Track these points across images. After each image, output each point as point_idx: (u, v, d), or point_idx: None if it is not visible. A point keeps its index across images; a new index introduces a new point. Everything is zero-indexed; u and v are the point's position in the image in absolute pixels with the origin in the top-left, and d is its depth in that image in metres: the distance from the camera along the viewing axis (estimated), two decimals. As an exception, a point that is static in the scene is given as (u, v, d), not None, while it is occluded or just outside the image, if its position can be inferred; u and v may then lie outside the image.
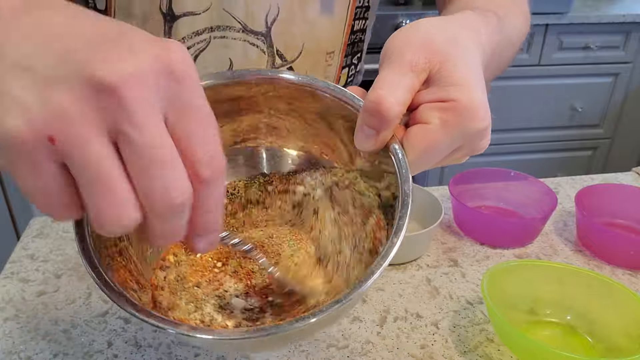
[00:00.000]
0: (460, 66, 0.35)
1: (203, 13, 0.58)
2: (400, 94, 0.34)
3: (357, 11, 0.65)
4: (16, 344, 0.51)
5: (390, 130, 0.35)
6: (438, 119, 0.34)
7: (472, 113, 0.34)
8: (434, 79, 0.35)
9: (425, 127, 0.34)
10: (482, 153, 0.39)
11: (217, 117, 0.28)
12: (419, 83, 0.35)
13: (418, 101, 0.35)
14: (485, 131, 0.35)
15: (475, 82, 0.35)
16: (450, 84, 0.34)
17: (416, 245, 0.62)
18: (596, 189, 0.69)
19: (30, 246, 0.65)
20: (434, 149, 0.35)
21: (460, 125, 0.34)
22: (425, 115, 0.35)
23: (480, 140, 0.36)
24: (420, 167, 0.36)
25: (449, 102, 0.34)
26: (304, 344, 0.51)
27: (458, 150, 0.37)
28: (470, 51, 0.37)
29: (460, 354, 0.50)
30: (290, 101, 0.44)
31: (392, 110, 0.34)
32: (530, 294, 0.54)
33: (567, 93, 2.03)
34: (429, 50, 0.35)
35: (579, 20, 1.88)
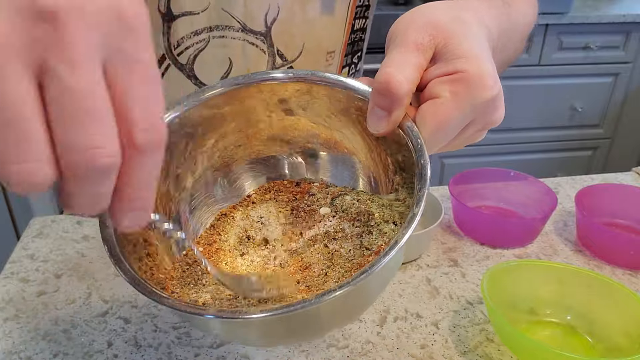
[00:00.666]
0: (464, 41, 0.35)
1: (202, 13, 0.58)
2: (408, 71, 0.34)
3: (358, 10, 0.65)
4: (16, 344, 0.51)
5: (401, 109, 0.35)
6: (448, 92, 0.34)
7: (481, 82, 0.33)
8: (440, 54, 0.35)
9: (436, 102, 0.34)
10: (482, 153, 0.39)
11: None
12: (426, 61, 0.35)
13: (426, 79, 0.35)
14: (495, 100, 0.35)
15: (482, 54, 0.35)
16: (457, 57, 0.34)
17: (416, 245, 0.62)
18: (596, 189, 0.69)
19: (30, 246, 0.65)
20: (447, 123, 0.34)
21: (470, 96, 0.33)
22: (435, 90, 0.34)
23: (492, 111, 0.36)
24: (436, 143, 0.36)
25: (457, 73, 0.34)
26: (304, 343, 0.51)
27: (472, 125, 0.36)
28: (474, 28, 0.37)
29: (460, 354, 0.50)
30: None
31: (402, 87, 0.33)
32: (530, 294, 0.54)
33: (567, 93, 2.03)
34: (433, 28, 0.35)
35: (579, 20, 1.88)
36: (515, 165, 1.88)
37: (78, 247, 0.65)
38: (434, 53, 0.35)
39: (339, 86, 0.40)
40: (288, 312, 0.30)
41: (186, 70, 0.60)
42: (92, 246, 0.65)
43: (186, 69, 0.60)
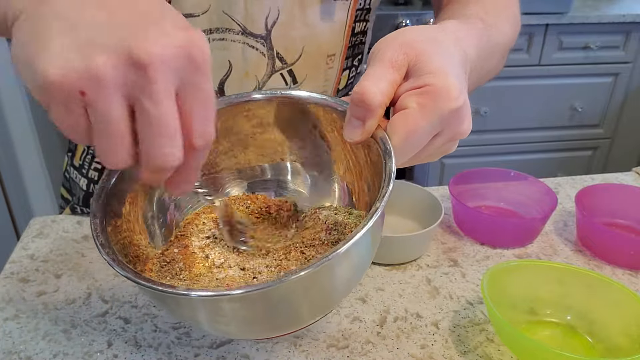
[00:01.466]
0: (434, 57, 0.38)
1: (202, 15, 0.58)
2: (382, 85, 0.38)
3: (358, 13, 0.65)
4: (16, 344, 0.51)
5: (375, 119, 0.38)
6: (415, 103, 0.37)
7: (447, 94, 0.37)
8: (412, 71, 0.39)
9: (405, 112, 0.37)
10: (482, 153, 0.40)
11: None
12: (400, 77, 0.39)
13: (399, 93, 0.39)
14: (461, 111, 0.38)
15: (449, 70, 0.38)
16: (426, 72, 0.38)
17: (416, 245, 0.62)
18: (596, 189, 0.69)
19: (30, 246, 0.65)
20: (415, 132, 0.37)
21: (436, 106, 0.37)
22: (404, 102, 0.38)
23: (459, 122, 0.39)
24: (406, 152, 0.39)
25: (424, 87, 0.37)
26: (304, 343, 0.51)
27: (441, 136, 0.39)
28: (448, 49, 0.41)
29: (460, 354, 0.50)
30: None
31: (375, 98, 0.37)
32: (530, 294, 0.54)
33: (567, 93, 2.03)
34: (407, 47, 0.39)
35: (579, 20, 1.88)
36: (515, 165, 1.89)
37: (78, 247, 0.65)
38: (407, 70, 0.39)
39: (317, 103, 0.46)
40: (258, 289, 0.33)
41: None
42: (92, 246, 0.65)
43: None
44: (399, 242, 0.60)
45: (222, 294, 0.33)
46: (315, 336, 0.52)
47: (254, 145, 0.50)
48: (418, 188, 0.68)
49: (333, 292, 0.38)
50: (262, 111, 0.48)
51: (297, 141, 0.50)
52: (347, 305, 0.56)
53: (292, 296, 0.36)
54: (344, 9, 0.62)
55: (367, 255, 0.39)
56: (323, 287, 0.37)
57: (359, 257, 0.38)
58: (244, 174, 0.52)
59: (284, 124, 0.49)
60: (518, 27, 0.60)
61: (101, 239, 0.38)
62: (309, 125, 0.48)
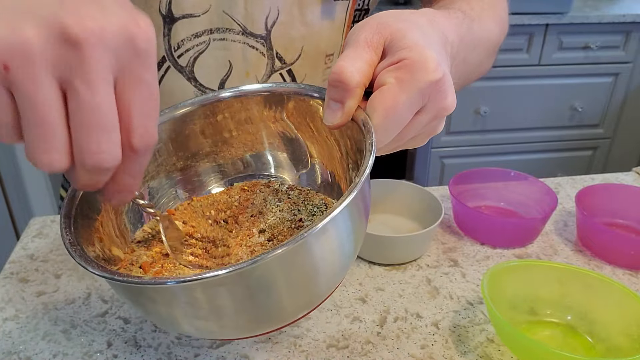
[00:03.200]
0: (409, 34, 0.37)
1: (202, 15, 0.58)
2: (359, 64, 0.37)
3: (356, 14, 0.65)
4: (16, 344, 0.51)
5: (354, 100, 0.37)
6: (393, 78, 0.36)
7: (424, 66, 0.35)
8: (388, 48, 0.38)
9: (383, 89, 0.36)
10: (482, 153, 0.40)
11: None
12: (377, 56, 0.38)
13: (376, 73, 0.38)
14: (441, 84, 0.36)
15: (425, 43, 0.37)
16: (401, 47, 0.37)
17: (416, 245, 0.62)
18: (596, 189, 0.69)
19: (30, 246, 0.65)
20: (395, 108, 0.36)
21: (413, 80, 0.35)
22: (382, 79, 0.37)
23: (442, 97, 0.37)
24: (388, 130, 0.37)
25: (400, 62, 0.36)
26: (304, 344, 0.51)
27: (424, 112, 0.38)
28: (422, 28, 0.39)
29: (460, 354, 0.50)
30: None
31: (353, 78, 0.36)
32: (530, 294, 0.54)
33: (567, 93, 2.03)
34: (381, 27, 0.38)
35: (579, 20, 1.88)
36: (515, 165, 1.89)
37: (78, 247, 0.65)
38: (383, 49, 0.38)
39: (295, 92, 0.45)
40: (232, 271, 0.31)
41: (186, 72, 0.60)
42: (92, 246, 0.65)
43: (186, 71, 0.60)
44: (399, 242, 0.60)
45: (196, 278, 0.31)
46: (315, 336, 0.52)
47: (233, 141, 0.50)
48: (418, 188, 0.68)
49: (314, 278, 0.36)
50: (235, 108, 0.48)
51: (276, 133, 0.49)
52: (347, 305, 0.56)
53: (271, 280, 0.33)
54: (343, 9, 0.62)
55: (347, 238, 0.36)
56: (302, 270, 0.35)
57: (339, 238, 0.36)
58: (225, 171, 0.52)
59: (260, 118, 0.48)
60: (505, 28, 0.60)
61: (69, 237, 0.36)
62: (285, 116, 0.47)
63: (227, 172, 0.52)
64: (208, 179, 0.51)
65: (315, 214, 0.46)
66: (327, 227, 0.32)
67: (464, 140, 2.05)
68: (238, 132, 0.50)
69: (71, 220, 0.38)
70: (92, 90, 0.26)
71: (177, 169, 0.50)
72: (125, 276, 0.33)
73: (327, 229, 0.33)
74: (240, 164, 0.52)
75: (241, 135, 0.50)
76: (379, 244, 0.61)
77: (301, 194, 0.49)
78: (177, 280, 0.31)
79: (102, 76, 0.26)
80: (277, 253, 0.31)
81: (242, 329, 0.38)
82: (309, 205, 0.47)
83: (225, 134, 0.50)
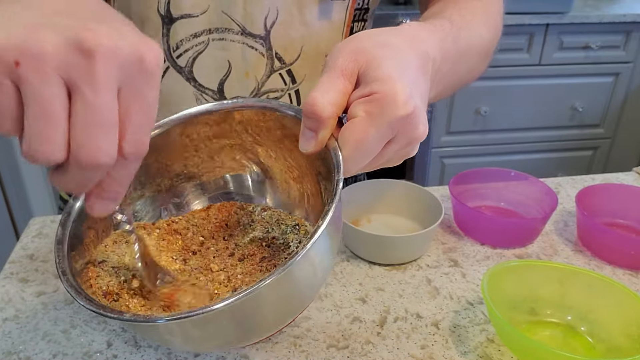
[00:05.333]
0: (383, 63, 0.38)
1: (201, 15, 0.58)
2: (331, 95, 0.38)
3: (356, 13, 0.64)
4: (15, 344, 0.51)
5: (327, 129, 0.38)
6: (363, 112, 0.37)
7: (394, 100, 0.36)
8: (362, 77, 0.39)
9: (354, 121, 0.37)
10: (482, 153, 0.40)
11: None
12: (351, 85, 0.39)
13: (350, 101, 0.39)
14: (411, 117, 0.37)
15: (398, 75, 0.37)
16: (374, 79, 0.37)
17: (416, 245, 0.62)
18: (597, 189, 0.69)
19: (30, 246, 0.65)
20: (364, 141, 0.37)
21: (382, 114, 0.36)
22: (353, 111, 0.37)
23: (412, 128, 0.38)
24: (356, 160, 0.38)
25: (371, 95, 0.37)
26: (304, 344, 0.51)
27: (394, 142, 0.39)
28: (400, 52, 0.40)
29: (460, 354, 0.50)
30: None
31: (326, 110, 0.37)
32: (530, 294, 0.53)
33: (568, 93, 2.03)
34: (357, 53, 0.39)
35: (580, 20, 1.88)
36: (515, 165, 1.88)
37: (78, 247, 0.65)
38: (358, 76, 0.39)
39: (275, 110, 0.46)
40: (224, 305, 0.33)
41: (185, 72, 0.60)
42: (92, 246, 0.65)
43: (185, 71, 0.60)
44: (399, 242, 0.60)
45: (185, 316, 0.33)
46: (315, 336, 0.52)
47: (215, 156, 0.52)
48: (418, 188, 0.68)
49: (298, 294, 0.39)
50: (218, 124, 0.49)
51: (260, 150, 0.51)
52: (347, 305, 0.56)
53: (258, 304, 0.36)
54: (342, 8, 0.62)
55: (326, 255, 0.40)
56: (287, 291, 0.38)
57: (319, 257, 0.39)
58: (206, 188, 0.54)
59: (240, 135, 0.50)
60: (499, 32, 0.61)
61: (63, 265, 0.38)
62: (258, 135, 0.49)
63: (208, 189, 0.54)
64: (188, 196, 0.53)
65: (287, 232, 0.49)
66: (308, 253, 0.34)
67: (464, 140, 2.05)
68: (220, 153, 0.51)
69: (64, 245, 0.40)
70: (96, 93, 0.28)
71: (159, 185, 0.51)
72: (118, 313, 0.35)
73: (308, 254, 0.35)
74: (221, 182, 0.54)
75: (222, 155, 0.52)
76: (379, 244, 0.60)
77: (274, 214, 0.51)
78: (167, 318, 0.33)
79: (107, 83, 0.28)
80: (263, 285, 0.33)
81: (230, 344, 0.42)
82: (282, 225, 0.50)
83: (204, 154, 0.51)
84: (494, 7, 0.60)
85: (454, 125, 2.01)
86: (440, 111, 1.97)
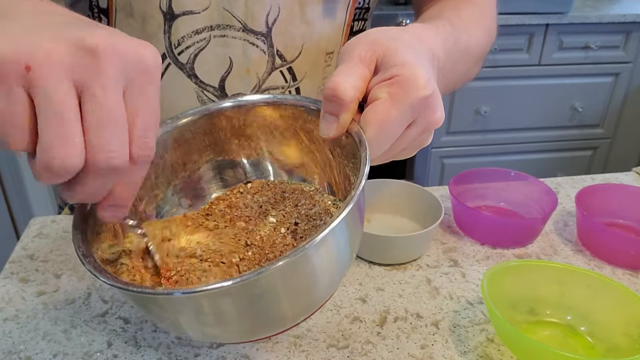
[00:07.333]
0: (399, 51, 0.39)
1: (203, 12, 0.58)
2: (352, 79, 0.39)
3: (357, 12, 0.65)
4: (16, 344, 0.51)
5: (348, 113, 0.39)
6: (386, 93, 0.38)
7: (415, 82, 0.37)
8: (380, 64, 0.40)
9: (376, 103, 0.38)
10: (482, 153, 0.41)
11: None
12: (370, 72, 0.40)
13: (370, 88, 0.40)
14: (431, 99, 0.38)
15: (416, 61, 0.39)
16: (393, 64, 0.39)
17: (416, 245, 0.62)
18: (596, 189, 0.69)
19: (30, 246, 0.65)
20: (388, 122, 0.38)
21: (405, 95, 0.37)
22: (375, 94, 0.38)
23: (431, 111, 0.39)
24: (381, 143, 0.39)
25: (393, 78, 0.38)
26: (304, 344, 0.51)
27: (414, 125, 0.40)
28: (412, 45, 0.41)
29: (460, 354, 0.50)
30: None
31: (348, 92, 0.38)
32: (530, 294, 0.54)
33: (567, 93, 2.03)
34: (374, 44, 0.40)
35: (579, 20, 1.88)
36: (515, 165, 1.89)
37: (78, 247, 0.65)
38: (376, 65, 0.40)
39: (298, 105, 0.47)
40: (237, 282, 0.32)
41: (186, 69, 0.60)
42: (92, 246, 0.65)
43: (186, 68, 0.60)
44: (399, 242, 0.60)
45: (203, 290, 0.33)
46: (315, 336, 0.52)
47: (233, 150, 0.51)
48: (418, 188, 0.68)
49: (313, 286, 0.38)
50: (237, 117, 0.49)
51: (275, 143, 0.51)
52: (347, 305, 0.56)
53: (273, 289, 0.35)
54: (344, 7, 0.62)
55: (345, 247, 0.39)
56: (303, 279, 0.36)
57: (337, 248, 0.38)
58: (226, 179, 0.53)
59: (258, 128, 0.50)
60: (492, 38, 0.63)
61: (82, 249, 0.38)
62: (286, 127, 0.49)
63: (229, 181, 0.53)
64: (209, 187, 0.52)
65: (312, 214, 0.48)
66: (326, 238, 0.34)
67: (464, 140, 2.05)
68: (239, 141, 0.51)
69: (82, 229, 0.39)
70: (107, 93, 0.28)
71: (178, 178, 0.51)
72: (138, 287, 0.35)
73: (326, 241, 0.34)
74: (241, 172, 0.53)
75: (242, 144, 0.51)
76: (379, 244, 0.61)
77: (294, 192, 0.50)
78: (184, 291, 0.33)
79: (115, 82, 0.29)
80: (279, 265, 0.32)
81: (245, 333, 0.40)
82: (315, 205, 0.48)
83: (225, 144, 0.51)
84: (489, 12, 0.62)
85: (454, 125, 2.01)
86: (440, 111, 1.97)
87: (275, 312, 0.37)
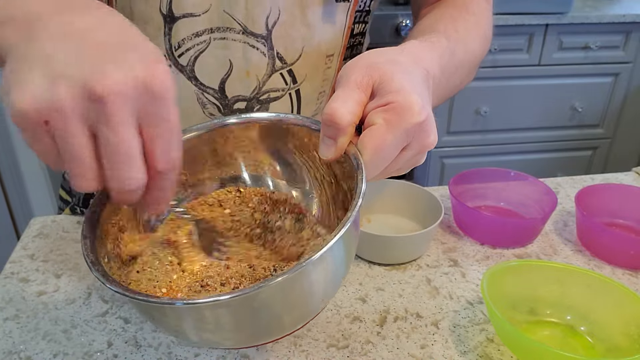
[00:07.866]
0: (396, 77, 0.41)
1: (203, 14, 0.58)
2: (349, 104, 0.41)
3: (357, 15, 0.65)
4: (16, 344, 0.51)
5: (346, 137, 0.41)
6: (381, 119, 0.40)
7: (409, 109, 0.39)
8: (377, 90, 0.41)
9: (372, 128, 0.40)
10: (482, 153, 0.42)
11: None
12: (366, 97, 0.42)
13: (366, 112, 0.41)
14: (424, 125, 0.40)
15: (410, 87, 0.41)
16: (389, 91, 0.40)
17: (416, 245, 0.62)
18: (596, 189, 0.69)
19: (30, 246, 0.65)
20: (383, 146, 0.40)
21: (400, 121, 0.39)
22: (372, 119, 0.40)
23: (425, 136, 0.41)
24: (376, 165, 0.41)
25: (388, 104, 0.40)
26: (304, 344, 0.51)
27: (408, 149, 0.42)
28: (408, 69, 0.43)
29: (460, 354, 0.50)
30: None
31: (345, 118, 0.40)
32: (530, 294, 0.54)
33: (567, 93, 2.03)
34: (370, 69, 0.42)
35: (579, 20, 1.88)
36: (515, 165, 1.89)
37: (78, 247, 0.65)
38: (372, 90, 0.42)
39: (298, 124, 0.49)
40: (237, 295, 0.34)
41: (187, 71, 0.60)
42: (92, 246, 0.65)
43: (187, 70, 0.60)
44: (399, 242, 0.60)
45: (204, 302, 0.35)
46: (315, 336, 0.52)
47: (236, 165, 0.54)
48: (418, 188, 0.68)
49: (311, 297, 0.40)
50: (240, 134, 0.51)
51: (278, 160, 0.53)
52: (347, 305, 0.56)
53: (272, 301, 0.37)
54: (344, 10, 0.62)
55: (341, 262, 0.41)
56: (301, 292, 0.38)
57: (334, 263, 0.40)
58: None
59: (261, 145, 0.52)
60: (487, 46, 0.64)
61: (91, 257, 0.40)
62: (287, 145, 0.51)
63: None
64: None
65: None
66: (324, 255, 0.35)
67: (464, 140, 2.05)
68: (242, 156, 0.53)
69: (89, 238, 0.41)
70: (115, 133, 0.32)
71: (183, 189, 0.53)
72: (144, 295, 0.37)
73: (324, 257, 0.36)
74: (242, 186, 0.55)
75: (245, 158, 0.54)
76: (379, 244, 0.61)
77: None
78: (185, 302, 0.35)
79: (122, 121, 0.32)
80: (278, 281, 0.34)
81: (243, 341, 0.43)
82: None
83: (227, 158, 0.53)
84: (485, 20, 0.64)
85: (454, 125, 2.01)
86: (440, 111, 1.97)
87: (272, 322, 0.39)
